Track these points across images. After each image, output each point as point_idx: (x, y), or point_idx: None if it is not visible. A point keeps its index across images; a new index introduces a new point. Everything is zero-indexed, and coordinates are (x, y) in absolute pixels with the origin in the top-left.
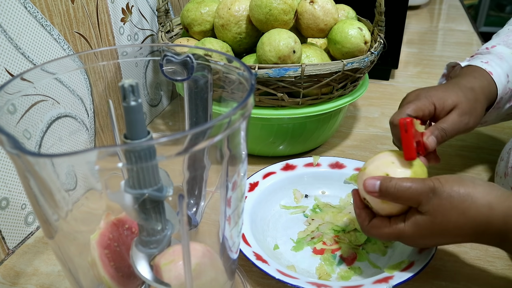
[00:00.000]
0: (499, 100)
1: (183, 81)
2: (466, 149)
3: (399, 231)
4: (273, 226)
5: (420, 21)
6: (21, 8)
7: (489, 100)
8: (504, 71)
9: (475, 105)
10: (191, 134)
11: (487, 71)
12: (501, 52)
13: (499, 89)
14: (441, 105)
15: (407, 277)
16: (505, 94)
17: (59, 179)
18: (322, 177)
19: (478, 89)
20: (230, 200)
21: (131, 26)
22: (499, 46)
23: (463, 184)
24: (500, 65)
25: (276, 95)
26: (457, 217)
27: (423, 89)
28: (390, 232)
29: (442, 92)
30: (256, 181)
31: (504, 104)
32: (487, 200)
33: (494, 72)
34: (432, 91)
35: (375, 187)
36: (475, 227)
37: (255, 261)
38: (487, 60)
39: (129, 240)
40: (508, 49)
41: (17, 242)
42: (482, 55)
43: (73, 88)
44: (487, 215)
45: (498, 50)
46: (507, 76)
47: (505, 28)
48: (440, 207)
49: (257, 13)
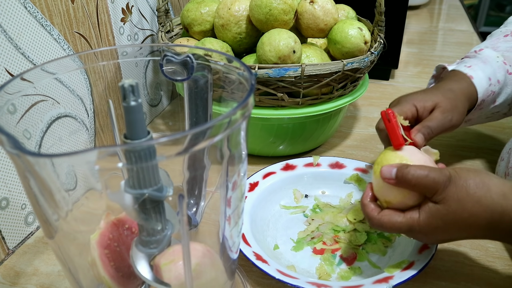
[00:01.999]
0: (480, 103)
1: (183, 81)
2: (466, 149)
3: (412, 221)
4: (273, 226)
5: (420, 21)
6: (21, 8)
7: (469, 101)
8: (486, 74)
9: (456, 103)
10: (191, 134)
11: (467, 76)
12: (487, 56)
13: (479, 92)
14: (422, 107)
15: (407, 277)
16: (487, 96)
17: (59, 179)
18: (322, 177)
19: (457, 90)
20: (230, 200)
21: (131, 26)
22: (487, 49)
23: (479, 174)
24: (483, 68)
25: (276, 95)
26: (472, 205)
27: (403, 95)
28: (402, 221)
29: (422, 95)
30: (256, 181)
31: (487, 105)
32: (502, 190)
33: (474, 76)
34: (412, 95)
35: (392, 174)
36: (489, 216)
37: (255, 261)
38: (470, 64)
39: (129, 240)
40: (495, 52)
41: (17, 242)
42: (469, 58)
43: (73, 88)
44: (502, 204)
45: (485, 53)
46: (489, 79)
47: (498, 30)
48: (455, 194)
49: (257, 13)
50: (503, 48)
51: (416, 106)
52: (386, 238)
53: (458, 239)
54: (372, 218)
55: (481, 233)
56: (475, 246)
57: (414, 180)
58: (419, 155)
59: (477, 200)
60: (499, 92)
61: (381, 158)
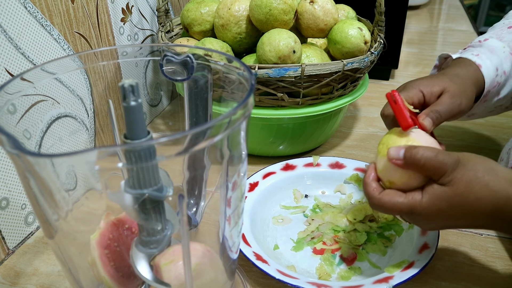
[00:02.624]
0: (486, 93)
1: (183, 81)
2: (466, 149)
3: (414, 202)
4: (273, 226)
5: (420, 21)
6: (21, 8)
7: (477, 88)
8: (493, 64)
9: (464, 88)
10: (191, 134)
11: (476, 64)
12: (492, 45)
13: (486, 82)
14: (429, 92)
15: (407, 277)
16: (493, 87)
17: (59, 179)
18: (322, 177)
19: (464, 76)
20: (230, 200)
21: (131, 26)
22: (492, 39)
23: (486, 159)
24: (490, 58)
25: (276, 95)
26: (480, 189)
27: (409, 81)
28: (404, 202)
29: (428, 80)
30: (256, 181)
31: (492, 97)
32: (509, 177)
33: (483, 65)
34: (418, 80)
35: (399, 154)
36: (495, 201)
37: (255, 261)
38: (478, 53)
39: (129, 240)
40: (500, 43)
41: (17, 242)
42: (474, 47)
43: (73, 88)
44: (509, 190)
45: (490, 43)
46: (496, 70)
47: (501, 22)
48: (464, 176)
49: (257, 13)
50: (508, 39)
51: (422, 92)
52: (386, 238)
53: (459, 226)
54: (373, 197)
55: (484, 219)
56: (475, 246)
57: (423, 160)
58: (426, 137)
59: (485, 184)
60: (504, 83)
61: (387, 139)
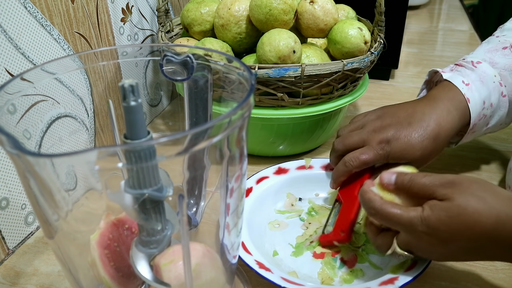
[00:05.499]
0: (472, 127)
1: (183, 81)
2: (466, 149)
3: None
4: (270, 232)
5: (420, 21)
6: (21, 8)
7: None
8: (481, 97)
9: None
10: (191, 134)
11: (465, 97)
12: (484, 73)
13: (472, 117)
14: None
15: (412, 277)
16: (479, 120)
17: (59, 179)
18: (315, 179)
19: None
20: (231, 195)
21: (131, 26)
22: (484, 63)
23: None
24: (480, 90)
25: (276, 95)
26: (477, 202)
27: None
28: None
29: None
30: (250, 187)
31: (480, 128)
32: (509, 195)
33: (471, 99)
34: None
35: (391, 180)
36: (495, 216)
37: (258, 269)
38: (468, 81)
39: (129, 240)
40: (492, 70)
41: (17, 242)
42: (466, 69)
43: (73, 88)
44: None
45: (483, 69)
46: (483, 103)
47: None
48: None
49: (257, 13)
50: (501, 65)
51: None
52: None
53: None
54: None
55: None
56: None
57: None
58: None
59: (482, 198)
60: (491, 115)
61: None
